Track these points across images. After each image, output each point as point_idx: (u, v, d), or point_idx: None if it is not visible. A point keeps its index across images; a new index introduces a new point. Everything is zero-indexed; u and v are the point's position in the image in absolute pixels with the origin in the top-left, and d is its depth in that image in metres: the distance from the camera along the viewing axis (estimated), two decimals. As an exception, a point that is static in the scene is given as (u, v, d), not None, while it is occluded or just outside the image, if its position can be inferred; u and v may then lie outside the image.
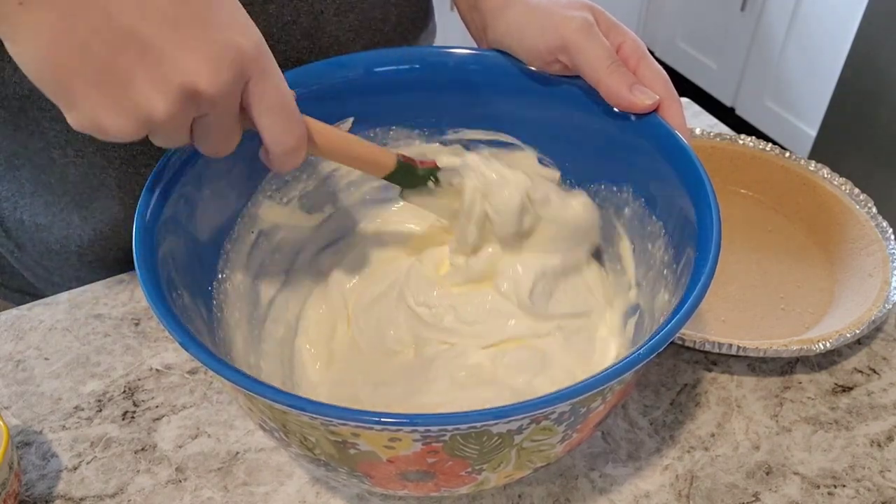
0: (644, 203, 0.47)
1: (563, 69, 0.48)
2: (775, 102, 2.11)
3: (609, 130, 0.48)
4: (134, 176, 0.57)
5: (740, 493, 0.48)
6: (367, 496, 0.47)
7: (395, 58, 0.51)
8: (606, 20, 0.47)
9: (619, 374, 0.34)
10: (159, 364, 0.55)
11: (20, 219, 0.61)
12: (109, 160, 0.56)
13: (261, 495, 0.47)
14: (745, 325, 0.57)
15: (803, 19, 1.94)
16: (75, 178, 0.57)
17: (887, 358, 0.56)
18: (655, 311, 0.44)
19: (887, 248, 0.59)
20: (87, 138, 0.54)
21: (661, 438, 0.51)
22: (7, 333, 0.57)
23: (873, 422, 0.52)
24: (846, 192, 0.64)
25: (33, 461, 0.49)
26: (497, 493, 0.48)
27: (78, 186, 0.57)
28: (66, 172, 0.57)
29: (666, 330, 0.35)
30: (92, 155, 0.55)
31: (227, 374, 0.34)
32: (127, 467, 0.49)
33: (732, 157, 0.68)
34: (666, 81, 0.46)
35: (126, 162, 0.56)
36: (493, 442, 0.34)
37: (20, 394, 0.53)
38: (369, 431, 0.33)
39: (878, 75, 1.68)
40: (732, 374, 0.55)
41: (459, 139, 0.53)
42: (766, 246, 0.64)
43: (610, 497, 0.47)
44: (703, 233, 0.40)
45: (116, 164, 0.56)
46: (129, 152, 0.56)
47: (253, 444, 0.50)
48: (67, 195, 0.58)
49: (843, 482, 0.48)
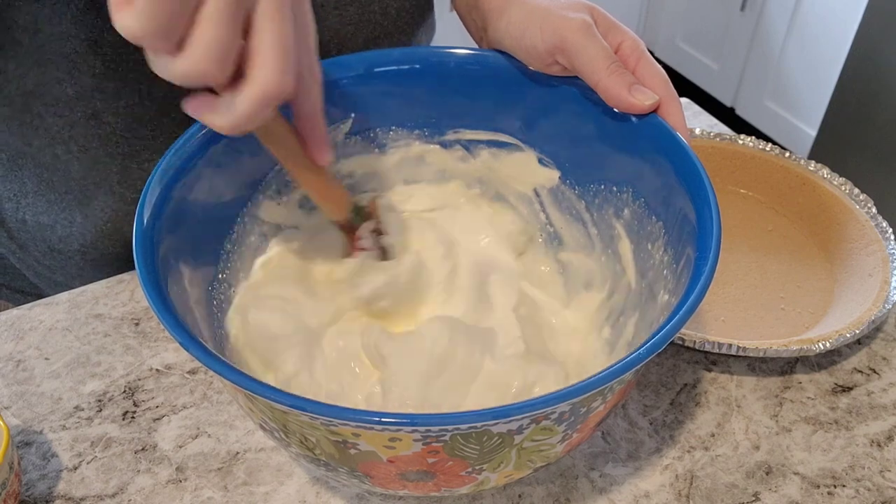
0: (644, 203, 0.47)
1: (562, 70, 0.48)
2: (775, 102, 2.11)
3: (609, 131, 0.48)
4: (136, 171, 0.57)
5: (740, 492, 0.48)
6: (367, 496, 0.47)
7: (396, 58, 0.51)
8: (605, 20, 0.47)
9: (619, 373, 0.34)
10: (159, 364, 0.55)
11: (23, 219, 0.61)
12: (112, 155, 0.56)
13: (261, 495, 0.47)
14: (745, 325, 0.57)
15: (803, 19, 1.94)
16: (78, 174, 0.57)
17: (887, 358, 0.56)
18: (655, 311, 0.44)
19: (887, 248, 0.59)
20: (90, 134, 0.55)
21: (660, 438, 0.51)
22: (7, 333, 0.57)
23: (873, 422, 0.52)
24: (846, 192, 0.64)
25: (33, 461, 0.49)
26: (497, 493, 0.48)
27: (80, 183, 0.58)
28: (69, 169, 0.57)
29: (666, 330, 0.35)
30: (95, 150, 0.56)
31: (227, 374, 0.34)
32: (127, 467, 0.49)
33: (732, 157, 0.68)
34: (665, 81, 0.46)
35: (128, 156, 0.56)
36: (493, 442, 0.35)
37: (20, 394, 0.53)
38: (370, 431, 0.33)
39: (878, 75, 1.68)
40: (732, 374, 0.55)
41: (459, 139, 0.53)
42: (766, 246, 0.64)
43: (610, 497, 0.47)
44: (703, 233, 0.40)
45: (119, 160, 0.56)
46: (132, 147, 0.56)
47: (253, 444, 0.50)
48: (70, 193, 0.58)
49: (843, 482, 0.48)
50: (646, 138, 0.45)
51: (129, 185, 0.58)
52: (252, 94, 0.34)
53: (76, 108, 0.53)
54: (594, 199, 0.51)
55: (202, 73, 0.33)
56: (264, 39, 0.34)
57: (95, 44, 0.50)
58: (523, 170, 0.53)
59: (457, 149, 0.54)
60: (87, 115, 0.54)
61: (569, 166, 0.52)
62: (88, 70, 0.51)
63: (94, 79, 0.52)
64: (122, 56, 0.51)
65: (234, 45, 0.33)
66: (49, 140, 0.55)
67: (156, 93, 0.54)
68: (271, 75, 0.34)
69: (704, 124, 0.78)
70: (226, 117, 0.35)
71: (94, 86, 0.52)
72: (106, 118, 0.54)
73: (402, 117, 0.52)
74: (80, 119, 0.54)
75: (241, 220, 0.49)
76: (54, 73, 0.51)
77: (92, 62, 0.51)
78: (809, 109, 1.98)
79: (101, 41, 0.50)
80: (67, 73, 0.51)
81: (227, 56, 0.33)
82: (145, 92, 0.53)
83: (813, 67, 1.94)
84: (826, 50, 1.89)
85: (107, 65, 0.51)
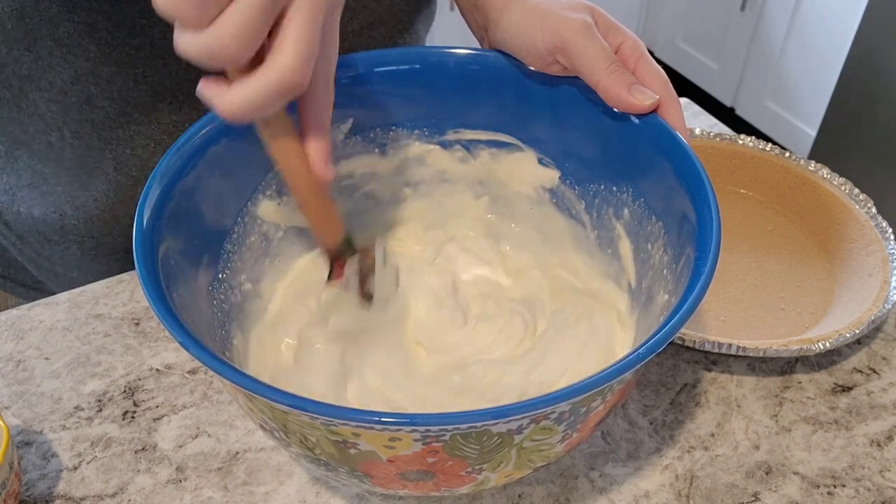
0: (644, 203, 0.47)
1: (562, 70, 0.48)
2: (775, 102, 2.11)
3: (609, 131, 0.48)
4: (130, 157, 0.57)
5: (740, 492, 0.48)
6: (367, 496, 0.47)
7: (396, 58, 0.51)
8: (606, 21, 0.47)
9: (619, 373, 0.34)
10: (159, 364, 0.55)
11: (18, 211, 0.61)
12: (106, 140, 0.56)
13: (261, 495, 0.47)
14: (745, 325, 0.58)
15: (803, 19, 1.94)
16: (71, 162, 0.57)
17: (887, 358, 0.56)
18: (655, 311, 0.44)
19: (887, 248, 0.59)
20: (84, 119, 0.55)
21: (660, 438, 0.51)
22: (7, 333, 0.57)
23: (873, 422, 0.52)
24: (846, 192, 0.64)
25: (34, 461, 0.49)
26: (497, 492, 0.48)
27: (73, 172, 0.58)
28: (62, 157, 0.57)
29: (666, 330, 0.35)
30: (88, 136, 0.56)
31: (227, 374, 0.34)
32: (127, 467, 0.49)
33: (732, 157, 0.68)
34: (665, 81, 0.46)
35: (122, 142, 0.56)
36: (493, 442, 0.35)
37: (20, 394, 0.53)
38: (370, 431, 0.33)
39: (878, 75, 1.68)
40: (732, 374, 0.55)
41: (459, 139, 0.53)
42: (766, 246, 0.64)
43: (610, 497, 0.47)
44: (703, 233, 0.40)
45: (113, 146, 0.56)
46: (125, 132, 0.56)
47: (253, 444, 0.50)
48: (60, 185, 0.58)
49: (843, 482, 0.48)
50: (646, 138, 0.45)
51: (124, 172, 0.58)
52: (269, 78, 0.34)
53: (70, 93, 0.53)
54: (594, 199, 0.51)
55: (224, 51, 0.33)
56: (291, 32, 0.34)
57: (91, 27, 0.50)
58: (523, 170, 0.53)
59: (457, 149, 0.54)
60: (81, 100, 0.54)
61: (569, 166, 0.52)
62: (83, 54, 0.52)
63: (88, 62, 0.52)
64: (118, 40, 0.51)
65: (262, 31, 0.34)
66: (43, 126, 0.55)
67: (151, 77, 0.54)
68: (292, 63, 0.34)
69: (704, 124, 0.78)
70: (236, 100, 0.35)
71: (88, 69, 0.52)
72: (100, 103, 0.54)
73: (402, 117, 0.52)
74: (73, 104, 0.54)
75: (241, 220, 0.49)
76: (48, 59, 0.52)
77: (87, 46, 0.51)
78: (809, 109, 1.98)
79: (97, 25, 0.50)
80: (62, 57, 0.52)
81: (254, 39, 0.33)
82: (140, 76, 0.54)
83: (813, 67, 1.94)
84: (826, 50, 1.89)
85: (101, 49, 0.51)
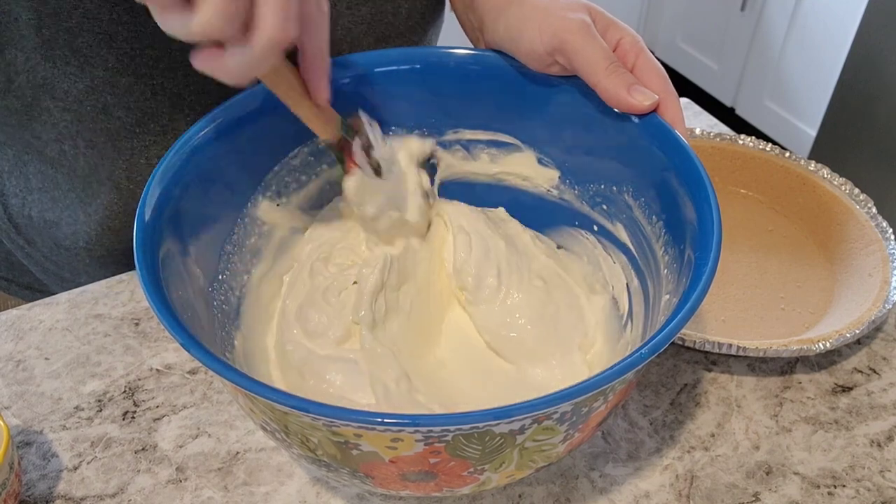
0: (644, 203, 0.47)
1: (561, 70, 0.48)
2: (775, 102, 2.11)
3: (608, 130, 0.48)
4: (145, 166, 0.57)
5: (740, 493, 0.48)
6: (367, 496, 0.47)
7: (396, 58, 0.51)
8: (604, 19, 0.47)
9: (620, 373, 0.34)
10: (159, 364, 0.55)
11: (29, 214, 0.61)
12: (119, 150, 0.56)
13: (261, 495, 0.47)
14: (745, 325, 0.58)
15: (803, 19, 1.94)
16: (84, 171, 0.57)
17: (887, 358, 0.56)
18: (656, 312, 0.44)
19: (887, 247, 0.59)
20: (98, 128, 0.55)
21: (661, 438, 0.51)
22: (7, 333, 0.57)
23: (873, 422, 0.52)
24: (846, 192, 0.64)
25: (34, 461, 0.49)
26: (497, 493, 0.48)
27: (86, 180, 0.58)
28: (75, 166, 0.57)
29: (666, 330, 0.35)
30: (102, 145, 0.56)
31: (227, 375, 0.34)
32: (127, 467, 0.49)
33: (732, 157, 0.68)
34: (664, 77, 0.46)
35: (137, 152, 0.56)
36: (495, 442, 0.35)
37: (20, 394, 0.53)
38: (372, 432, 0.33)
39: (878, 75, 1.68)
40: (732, 374, 0.55)
41: (459, 139, 0.53)
42: (766, 246, 0.64)
43: (610, 497, 0.47)
44: (703, 233, 0.40)
45: (127, 154, 0.56)
46: (140, 142, 0.56)
47: (253, 444, 0.50)
48: (73, 192, 0.58)
49: (843, 482, 0.48)
50: (646, 138, 0.45)
51: (139, 182, 0.58)
52: (260, 41, 0.36)
53: (85, 103, 0.53)
54: (594, 198, 0.51)
55: (213, 28, 0.35)
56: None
57: (110, 38, 0.50)
58: (523, 170, 0.53)
59: (456, 149, 0.54)
60: (97, 110, 0.54)
61: (568, 166, 0.52)
62: (101, 64, 0.51)
63: (106, 72, 0.52)
64: (137, 51, 0.51)
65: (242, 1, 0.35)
66: (57, 134, 0.55)
67: (169, 88, 0.54)
68: (276, 21, 0.35)
69: (704, 124, 0.78)
70: (235, 66, 0.37)
71: (106, 79, 0.52)
72: (116, 113, 0.54)
73: (402, 117, 0.52)
74: (88, 113, 0.54)
75: (240, 220, 0.49)
76: (64, 68, 0.52)
77: (105, 56, 0.51)
78: (809, 109, 1.98)
79: (116, 35, 0.50)
80: (78, 67, 0.51)
81: (237, 11, 0.35)
82: (158, 87, 0.54)
83: (813, 67, 1.94)
84: (826, 50, 1.88)
85: (120, 59, 0.51)
